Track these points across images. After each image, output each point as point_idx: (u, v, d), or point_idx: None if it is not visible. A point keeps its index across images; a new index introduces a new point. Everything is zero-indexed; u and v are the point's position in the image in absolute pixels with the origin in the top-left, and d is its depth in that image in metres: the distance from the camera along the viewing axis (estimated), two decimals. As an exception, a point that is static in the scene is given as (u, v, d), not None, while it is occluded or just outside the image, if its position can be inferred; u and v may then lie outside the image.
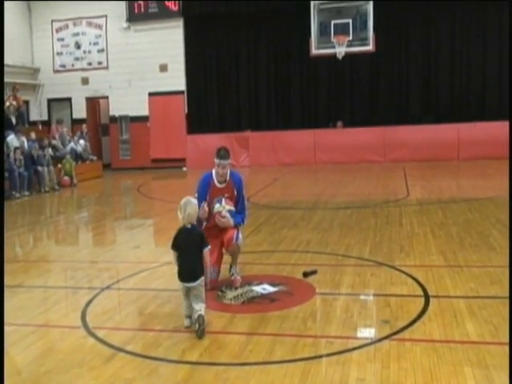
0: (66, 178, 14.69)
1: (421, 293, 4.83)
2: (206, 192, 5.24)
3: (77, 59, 18.14)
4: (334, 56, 14.63)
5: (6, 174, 12.43)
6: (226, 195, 5.28)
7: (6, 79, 16.97)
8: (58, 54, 18.24)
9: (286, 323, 4.34)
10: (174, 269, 5.69)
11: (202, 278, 4.38)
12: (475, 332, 3.96)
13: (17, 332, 4.39)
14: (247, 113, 17.27)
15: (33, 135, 14.54)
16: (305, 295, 4.96)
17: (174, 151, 17.67)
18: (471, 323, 4.10)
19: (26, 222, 10.22)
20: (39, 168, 13.55)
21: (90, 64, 18.07)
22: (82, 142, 16.49)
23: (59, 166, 14.58)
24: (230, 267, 5.50)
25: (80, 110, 18.48)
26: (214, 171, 5.31)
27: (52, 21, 18.08)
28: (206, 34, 17.02)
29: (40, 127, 17.79)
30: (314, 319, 4.39)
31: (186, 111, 17.65)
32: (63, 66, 18.29)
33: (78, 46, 18.05)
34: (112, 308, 4.98)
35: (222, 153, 5.19)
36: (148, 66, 17.26)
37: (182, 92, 17.53)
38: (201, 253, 4.38)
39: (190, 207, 4.42)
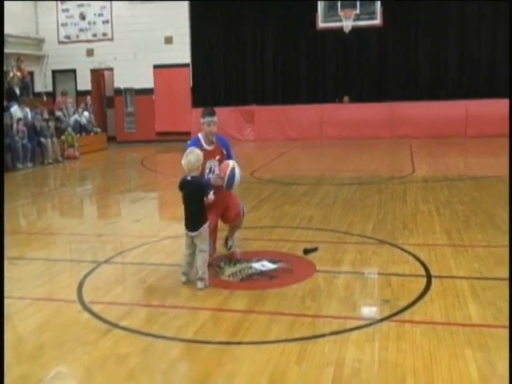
0: (71, 149, 14.59)
1: (423, 272, 4.73)
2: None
3: (81, 30, 17.88)
4: (340, 30, 14.33)
5: (7, 143, 12.34)
6: (217, 157, 5.16)
7: (11, 50, 16.80)
8: (62, 24, 17.97)
9: (285, 301, 4.27)
10: (175, 243, 5.65)
11: (206, 225, 4.55)
12: (477, 314, 3.86)
13: (13, 305, 4.34)
14: (253, 86, 17.03)
15: (37, 106, 14.37)
16: (305, 272, 4.88)
17: (179, 124, 17.48)
18: (474, 305, 4.00)
19: (29, 194, 10.16)
20: (42, 139, 13.45)
21: (94, 35, 17.82)
22: (86, 113, 16.33)
23: (63, 137, 14.47)
24: (226, 240, 5.43)
25: (85, 82, 18.28)
26: (200, 135, 5.20)
27: (56, -9, 17.81)
28: (211, 6, 16.69)
29: (44, 98, 17.68)
30: (313, 297, 4.30)
31: (191, 84, 17.43)
32: (68, 37, 18.04)
33: (82, 17, 17.77)
34: (109, 282, 4.91)
35: (210, 110, 5.11)
36: (153, 38, 16.99)
37: (187, 65, 17.28)
38: (200, 203, 4.46)
39: (192, 156, 4.51)
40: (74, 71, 18.22)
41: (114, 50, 17.52)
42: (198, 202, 4.54)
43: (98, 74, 18.48)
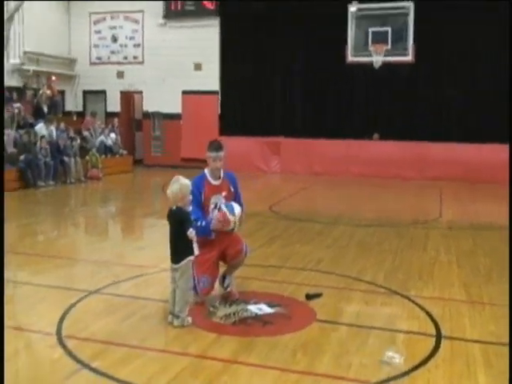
0: (95, 170, 14.53)
1: (433, 331, 4.28)
2: (200, 192, 4.83)
3: (113, 52, 18.04)
4: (370, 65, 14.02)
5: (29, 159, 12.31)
6: (224, 193, 4.90)
7: (44, 68, 17.05)
8: (94, 46, 18.18)
9: (273, 352, 3.87)
10: (168, 279, 5.30)
11: (188, 259, 4.30)
12: (487, 387, 3.41)
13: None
14: (280, 118, 16.79)
15: (62, 125, 14.41)
16: (302, 321, 4.48)
17: (205, 152, 17.32)
18: (484, 375, 3.54)
19: (41, 212, 10.03)
20: (65, 158, 13.42)
21: (125, 58, 17.95)
22: (112, 135, 16.34)
23: (87, 158, 14.43)
24: (224, 278, 5.08)
25: (114, 104, 18.37)
26: (206, 170, 4.94)
27: (90, 13, 18.02)
28: (241, 35, 16.62)
29: (75, 118, 17.78)
30: (306, 351, 3.90)
31: (219, 112, 17.32)
32: (99, 58, 18.22)
33: (114, 39, 17.95)
34: (93, 315, 4.59)
35: (216, 144, 4.93)
36: (182, 63, 17.00)
37: (215, 92, 17.20)
38: (182, 235, 4.21)
39: (175, 186, 4.27)
40: (104, 92, 18.35)
41: (143, 74, 17.60)
42: (180, 234, 4.26)
43: (127, 96, 18.56)
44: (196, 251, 4.94)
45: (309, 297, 4.98)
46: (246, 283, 5.49)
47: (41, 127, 13.61)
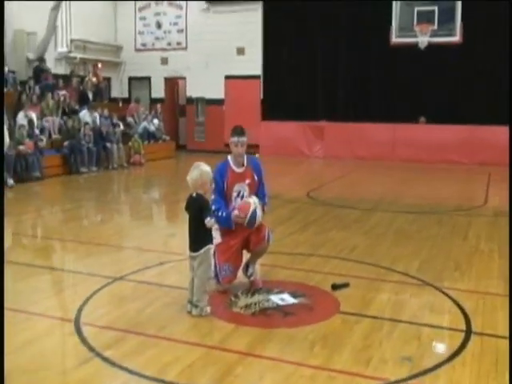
0: (137, 155, 14.67)
1: (463, 326, 4.04)
2: (223, 180, 4.72)
3: (157, 39, 18.10)
4: (415, 46, 13.47)
5: (73, 145, 12.52)
6: (247, 181, 4.77)
7: (90, 56, 17.30)
8: (139, 33, 18.28)
9: (291, 345, 3.74)
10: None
11: (207, 247, 4.19)
12: (516, 388, 3.17)
13: (12, 317, 4.08)
14: (324, 102, 16.44)
15: (105, 112, 14.58)
16: (325, 312, 4.32)
17: (249, 137, 17.19)
18: (514, 376, 3.30)
19: (82, 198, 10.18)
20: (108, 144, 13.58)
21: (169, 44, 17.97)
22: (155, 121, 16.45)
23: (130, 144, 14.58)
24: (247, 266, 4.97)
25: (158, 90, 18.48)
26: (229, 157, 4.83)
27: (135, 0, 18.13)
28: (284, 18, 16.33)
29: (120, 104, 17.99)
30: (325, 344, 3.75)
31: (262, 96, 17.14)
32: (144, 45, 18.32)
33: (158, 25, 17.99)
34: (113, 302, 4.59)
35: (239, 130, 4.81)
36: (225, 48, 16.88)
37: (258, 76, 17.00)
38: (201, 222, 4.10)
39: (196, 172, 4.18)
40: (148, 79, 18.47)
41: (187, 59, 17.59)
42: (199, 222, 4.16)
43: (171, 83, 18.62)
44: (218, 239, 4.89)
45: (335, 287, 4.81)
46: (273, 272, 5.37)
47: (84, 114, 13.81)
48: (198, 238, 4.22)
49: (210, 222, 4.12)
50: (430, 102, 15.16)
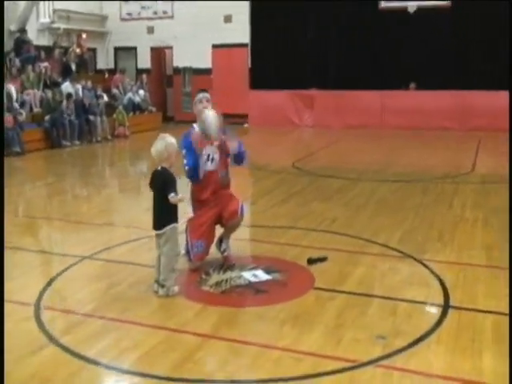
0: (122, 127, 14.37)
1: (441, 301, 3.86)
2: (190, 143, 4.49)
3: (143, 8, 17.57)
4: (405, 10, 13.06)
5: (54, 118, 12.21)
6: (216, 143, 4.57)
7: (74, 26, 16.81)
8: (125, 1, 17.74)
9: (259, 325, 3.57)
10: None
11: (172, 226, 3.97)
12: (491, 368, 2.99)
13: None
14: (313, 70, 16.03)
15: (89, 83, 14.21)
16: (299, 289, 4.14)
17: (237, 106, 16.84)
18: (490, 354, 3.12)
19: (61, 172, 9.95)
20: (91, 117, 13.26)
21: (155, 13, 17.46)
22: (141, 92, 16.08)
23: (114, 116, 14.25)
24: (220, 242, 4.78)
25: (145, 60, 18.04)
26: (194, 124, 4.66)
27: (120, -32, 17.58)
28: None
29: (106, 75, 17.56)
30: (295, 323, 3.56)
31: (250, 65, 16.74)
32: (130, 14, 17.80)
33: (144, -7, 17.47)
34: (79, 283, 4.39)
35: (203, 89, 4.82)
36: (212, 16, 16.39)
37: (245, 45, 16.56)
38: (166, 198, 3.89)
39: (160, 143, 3.97)
40: (134, 49, 18.01)
41: (173, 29, 17.11)
42: (162, 198, 3.94)
43: (158, 52, 18.17)
44: (190, 213, 4.69)
45: (311, 261, 4.62)
46: (249, 246, 5.19)
47: (66, 86, 13.43)
48: (163, 215, 4.00)
49: (174, 197, 3.90)
50: (421, 68, 14.80)
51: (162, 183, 3.97)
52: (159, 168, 4.02)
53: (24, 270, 4.66)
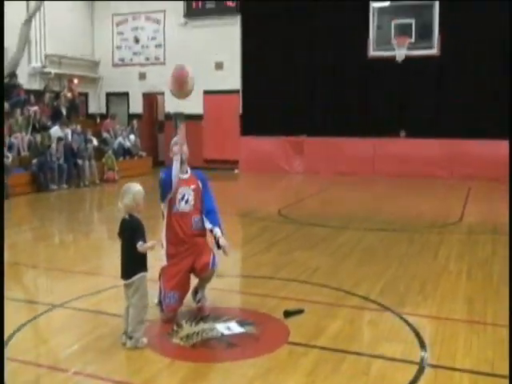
0: (111, 172, 14.36)
1: (418, 358, 3.72)
2: (169, 185, 4.45)
3: (135, 54, 17.85)
4: (393, 59, 13.30)
5: (42, 162, 12.17)
6: (192, 186, 4.57)
7: (66, 71, 17.00)
8: (117, 47, 18.03)
9: (227, 382, 3.41)
10: (153, 289, 4.85)
11: (140, 275, 3.87)
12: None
13: None
14: (303, 117, 16.19)
15: (78, 128, 14.26)
16: (272, 343, 3.99)
17: (227, 152, 16.97)
18: (465, 417, 2.99)
19: (45, 217, 9.83)
20: (79, 161, 13.25)
21: (147, 59, 17.71)
22: (131, 137, 16.15)
23: (103, 160, 14.25)
24: (196, 292, 4.67)
25: (137, 106, 18.19)
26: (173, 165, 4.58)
27: (113, 14, 17.88)
28: (262, 32, 16.08)
29: (98, 120, 17.65)
30: (264, 380, 3.42)
31: (241, 112, 16.90)
32: (122, 59, 18.06)
33: (136, 40, 17.75)
34: (45, 333, 4.25)
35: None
36: (204, 63, 16.58)
37: (237, 91, 16.77)
38: (134, 247, 3.80)
39: (127, 196, 3.89)
40: (126, 94, 18.19)
41: (165, 74, 17.17)
42: (131, 247, 3.86)
43: (150, 98, 18.35)
44: (164, 261, 4.58)
45: (287, 314, 4.49)
46: (225, 297, 5.04)
47: (56, 130, 13.47)
48: (131, 264, 3.90)
49: (142, 246, 3.81)
50: (410, 116, 14.96)
51: (130, 231, 3.89)
52: (127, 216, 3.94)
53: (-9, 319, 4.50)
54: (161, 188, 4.53)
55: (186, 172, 4.66)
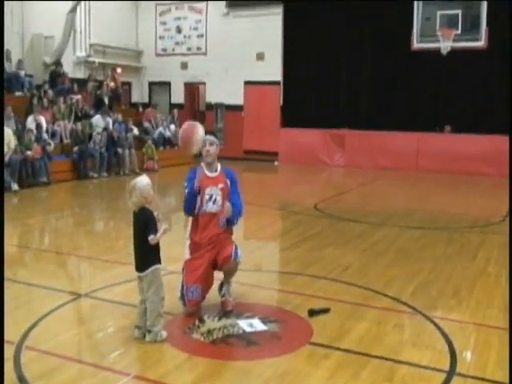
0: (150, 161, 14.45)
1: (446, 366, 3.53)
2: (194, 199, 4.38)
3: (177, 44, 17.89)
4: (438, 51, 12.83)
5: (82, 150, 12.34)
6: (220, 185, 4.44)
7: (110, 60, 17.19)
8: (160, 37, 18.12)
9: (242, 382, 3.30)
10: (174, 282, 4.80)
11: (154, 267, 3.81)
12: None
13: None
14: (345, 109, 15.90)
15: (119, 117, 14.40)
16: (293, 343, 3.87)
17: (267, 144, 16.83)
18: (491, 434, 2.79)
19: (78, 204, 9.96)
20: (119, 150, 13.37)
21: (189, 49, 17.74)
22: (172, 126, 16.20)
23: (143, 149, 14.35)
24: (221, 286, 4.57)
25: (178, 95, 18.26)
26: (202, 163, 4.51)
27: (156, 4, 17.97)
28: (305, 23, 15.85)
29: (140, 109, 17.80)
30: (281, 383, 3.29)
31: (281, 103, 16.71)
32: (164, 49, 18.15)
33: (179, 30, 17.79)
34: (67, 323, 4.23)
35: (208, 131, 4.56)
36: (245, 53, 16.52)
37: (277, 83, 16.58)
38: (146, 239, 3.75)
39: (135, 193, 3.80)
40: (168, 84, 18.27)
41: (207, 65, 17.31)
42: (143, 239, 3.79)
43: (191, 88, 18.38)
44: (187, 255, 4.51)
45: (312, 313, 4.35)
46: (250, 292, 4.93)
47: (97, 119, 13.64)
48: (143, 256, 3.84)
49: (153, 239, 3.74)
50: (456, 110, 14.46)
51: (142, 224, 3.81)
52: (137, 210, 3.87)
53: (17, 306, 4.53)
54: (185, 202, 4.41)
55: (215, 170, 4.51)
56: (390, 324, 4.23)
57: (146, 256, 3.82)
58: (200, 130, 4.37)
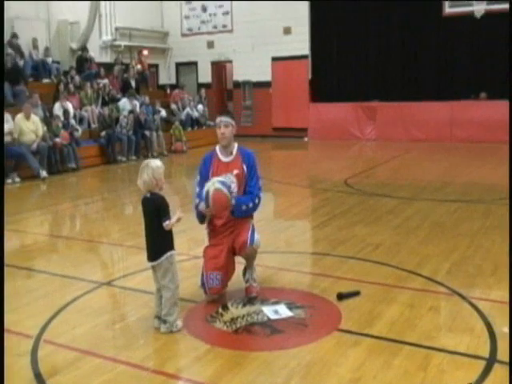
0: (179, 143, 14.33)
1: (486, 353, 3.26)
2: (208, 170, 4.16)
3: (203, 22, 17.62)
4: (471, 15, 12.21)
5: (110, 134, 12.28)
6: (235, 172, 4.17)
7: (136, 43, 17.06)
8: (185, 17, 17.87)
9: (265, 374, 3.12)
10: (196, 268, 4.65)
11: (168, 254, 3.63)
12: None
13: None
14: (376, 81, 15.42)
15: (146, 99, 14.28)
16: (320, 330, 3.66)
17: (296, 120, 16.51)
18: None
19: (106, 190, 9.91)
20: (147, 132, 13.27)
21: (215, 27, 17.45)
22: (200, 107, 16.02)
23: (171, 131, 14.23)
24: (245, 271, 4.37)
25: (205, 75, 18.04)
26: (217, 147, 4.28)
27: (180, -17, 17.74)
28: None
29: (168, 91, 17.68)
30: (306, 375, 3.10)
31: (310, 77, 16.30)
32: (190, 29, 17.90)
33: (204, 8, 17.49)
34: (88, 313, 4.10)
35: (224, 111, 4.36)
36: (271, 28, 16.14)
37: (305, 57, 16.16)
38: (160, 226, 3.57)
39: (146, 173, 3.61)
40: (195, 64, 18.04)
41: (233, 42, 17.00)
42: (156, 226, 3.60)
43: (218, 67, 18.12)
44: (206, 242, 4.33)
45: (341, 296, 4.13)
46: (277, 275, 4.73)
47: (124, 102, 13.55)
48: (157, 244, 3.67)
49: (168, 225, 3.56)
50: (491, 76, 13.83)
51: (153, 210, 3.62)
52: (148, 195, 3.67)
53: (36, 297, 4.44)
54: (196, 213, 4.18)
55: (231, 153, 4.24)
56: (425, 307, 3.98)
57: (161, 243, 3.65)
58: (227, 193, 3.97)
